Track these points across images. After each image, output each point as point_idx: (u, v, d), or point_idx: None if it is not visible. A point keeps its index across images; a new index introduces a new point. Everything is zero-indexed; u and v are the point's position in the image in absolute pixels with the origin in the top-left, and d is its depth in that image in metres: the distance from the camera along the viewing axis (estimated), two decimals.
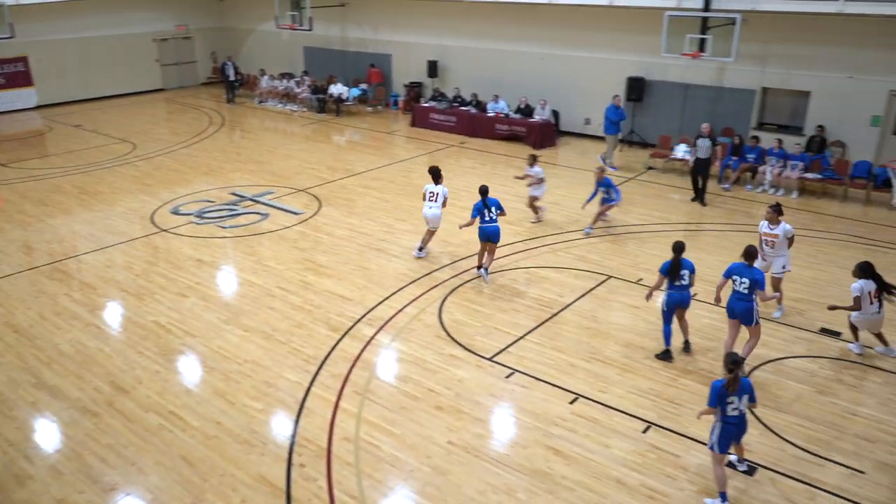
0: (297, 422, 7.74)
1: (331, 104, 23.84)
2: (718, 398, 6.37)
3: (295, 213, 14.19)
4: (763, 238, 9.87)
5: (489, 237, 10.93)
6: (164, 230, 13.31)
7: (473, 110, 20.88)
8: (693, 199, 15.11)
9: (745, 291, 8.27)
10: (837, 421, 7.75)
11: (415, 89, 23.75)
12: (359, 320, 9.95)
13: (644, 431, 7.61)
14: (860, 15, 14.49)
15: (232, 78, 25.56)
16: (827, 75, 16.06)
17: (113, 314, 10.19)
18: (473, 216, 10.91)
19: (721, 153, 15.82)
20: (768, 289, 8.95)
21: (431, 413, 7.91)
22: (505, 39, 21.20)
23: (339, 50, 25.68)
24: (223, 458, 7.17)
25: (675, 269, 8.61)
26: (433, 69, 22.67)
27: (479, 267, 11.22)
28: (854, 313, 8.91)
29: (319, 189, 15.79)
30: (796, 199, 15.19)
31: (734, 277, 8.36)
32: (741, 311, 8.36)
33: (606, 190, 12.91)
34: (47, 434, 7.58)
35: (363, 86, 24.39)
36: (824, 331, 9.63)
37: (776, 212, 9.78)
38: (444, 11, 21.97)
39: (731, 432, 6.48)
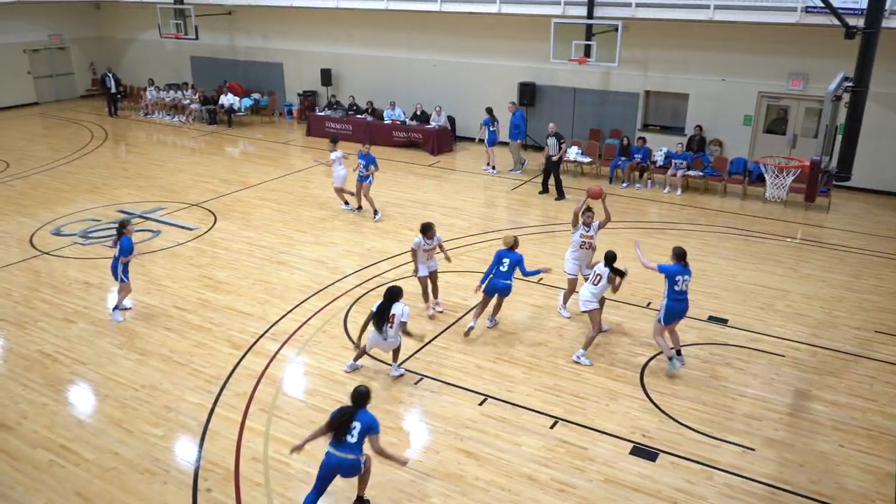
0: (201, 445, 7.46)
1: (221, 115, 23.14)
2: None
3: (189, 229, 13.67)
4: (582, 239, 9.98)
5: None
6: (46, 253, 12.51)
7: (370, 118, 20.81)
8: (541, 193, 15.93)
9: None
10: (728, 403, 8.23)
11: (309, 98, 23.44)
12: (262, 336, 9.70)
13: (552, 427, 7.81)
14: (728, 22, 15.50)
15: (113, 90, 24.34)
16: (702, 78, 17.07)
17: None
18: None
19: (563, 149, 15.80)
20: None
21: None
22: (398, 47, 21.28)
23: (229, 59, 24.98)
24: (123, 491, 6.80)
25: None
26: (327, 77, 22.44)
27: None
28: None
29: (214, 203, 15.29)
30: (681, 195, 16.02)
31: (678, 277, 8.43)
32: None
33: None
34: None
35: (255, 95, 23.82)
36: (712, 318, 10.20)
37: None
38: (335, 19, 21.79)
39: None
